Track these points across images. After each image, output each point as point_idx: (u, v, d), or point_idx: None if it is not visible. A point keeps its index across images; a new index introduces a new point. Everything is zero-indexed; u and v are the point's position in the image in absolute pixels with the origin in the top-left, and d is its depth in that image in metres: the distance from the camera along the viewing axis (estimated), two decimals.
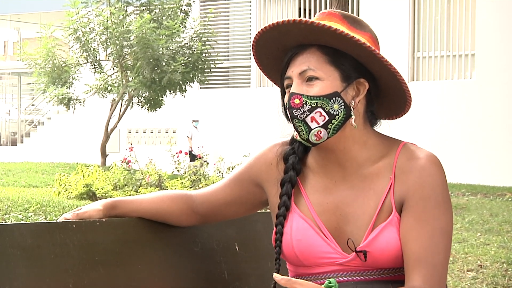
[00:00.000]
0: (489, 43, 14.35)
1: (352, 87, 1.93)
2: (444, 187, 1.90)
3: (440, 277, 1.84)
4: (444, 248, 1.86)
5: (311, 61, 1.93)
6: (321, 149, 1.98)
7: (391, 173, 1.93)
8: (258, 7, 17.44)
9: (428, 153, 1.93)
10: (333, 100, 1.90)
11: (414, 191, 1.89)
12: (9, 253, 1.79)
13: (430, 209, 1.87)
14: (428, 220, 1.87)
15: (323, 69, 1.92)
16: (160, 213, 2.13)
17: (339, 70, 1.92)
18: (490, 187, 12.87)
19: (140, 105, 15.39)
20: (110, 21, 14.64)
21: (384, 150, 1.96)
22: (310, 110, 1.90)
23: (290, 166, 2.01)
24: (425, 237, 1.85)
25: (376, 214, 1.91)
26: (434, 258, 1.84)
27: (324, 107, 1.90)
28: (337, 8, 8.84)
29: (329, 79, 1.91)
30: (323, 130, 1.91)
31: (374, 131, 2.00)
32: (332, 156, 1.97)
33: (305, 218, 1.97)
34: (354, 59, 1.93)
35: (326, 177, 1.99)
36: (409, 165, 1.92)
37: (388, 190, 1.92)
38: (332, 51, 1.93)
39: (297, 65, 1.94)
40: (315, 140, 1.92)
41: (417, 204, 1.88)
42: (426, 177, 1.89)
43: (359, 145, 1.95)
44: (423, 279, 1.82)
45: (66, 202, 8.07)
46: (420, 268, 1.83)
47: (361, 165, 1.95)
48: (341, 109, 1.91)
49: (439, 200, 1.88)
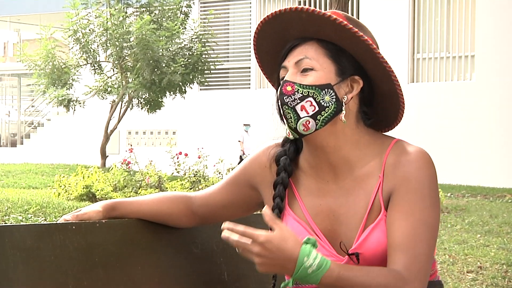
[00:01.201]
0: (489, 45, 14.35)
1: (346, 83, 1.92)
2: (432, 182, 1.88)
3: (420, 268, 1.80)
4: (427, 240, 1.83)
5: (309, 51, 1.92)
6: (311, 147, 1.97)
7: (380, 172, 1.92)
8: (258, 9, 17.45)
9: (417, 149, 1.92)
10: (325, 91, 1.89)
11: (400, 185, 1.88)
12: (9, 254, 1.79)
13: (415, 202, 1.85)
14: (412, 213, 1.84)
15: (320, 60, 1.91)
16: (159, 215, 2.13)
17: (335, 64, 1.92)
18: (490, 188, 12.87)
19: (140, 107, 15.39)
20: (110, 23, 14.64)
21: (376, 149, 1.95)
22: (301, 98, 1.89)
23: (282, 168, 2.01)
24: (407, 227, 1.83)
25: (366, 215, 1.90)
26: (416, 248, 1.81)
27: (315, 97, 1.89)
28: (337, 9, 8.85)
29: (324, 71, 1.91)
30: (312, 120, 1.90)
31: (367, 130, 1.98)
32: (323, 155, 1.95)
33: (300, 221, 1.96)
34: (352, 57, 1.93)
35: (318, 178, 1.98)
36: (398, 161, 1.91)
37: (377, 189, 1.91)
38: (332, 46, 1.92)
39: (294, 55, 1.93)
40: (303, 130, 1.91)
41: (402, 197, 1.86)
42: (413, 171, 1.88)
43: (351, 143, 1.94)
44: (403, 266, 1.79)
45: (66, 203, 8.07)
46: (401, 255, 1.80)
47: (353, 165, 1.94)
48: (332, 102, 1.90)
49: (425, 194, 1.86)
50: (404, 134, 3.30)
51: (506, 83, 14.19)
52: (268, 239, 1.70)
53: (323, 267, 1.71)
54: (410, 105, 15.15)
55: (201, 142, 16.62)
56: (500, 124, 14.17)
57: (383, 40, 15.10)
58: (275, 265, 1.71)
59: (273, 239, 1.70)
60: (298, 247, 1.71)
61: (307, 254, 1.71)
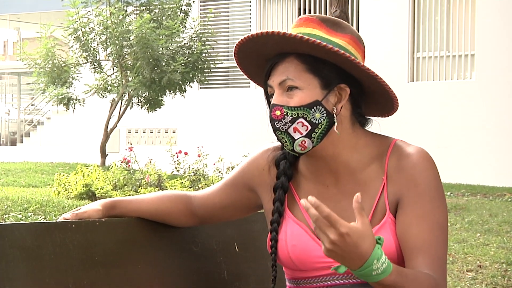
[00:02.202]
0: (489, 44, 14.35)
1: (333, 94, 1.92)
2: (438, 181, 1.90)
3: (444, 269, 1.84)
4: (443, 241, 1.86)
5: (289, 70, 1.92)
6: (310, 157, 1.97)
7: (383, 174, 1.92)
8: (258, 7, 17.44)
9: (418, 149, 1.93)
10: (314, 109, 1.89)
11: (408, 189, 1.89)
12: (9, 253, 1.79)
13: (426, 204, 1.87)
14: (425, 216, 1.86)
15: (302, 77, 1.91)
16: (159, 213, 2.13)
17: (318, 78, 1.91)
18: (490, 187, 12.86)
19: (139, 105, 15.38)
20: (110, 21, 14.64)
21: (375, 150, 1.95)
22: (292, 120, 1.89)
23: (282, 172, 2.01)
24: (425, 232, 1.84)
25: (370, 216, 1.90)
26: (437, 250, 1.84)
27: (306, 117, 1.89)
28: (337, 8, 8.82)
29: (309, 88, 1.90)
30: (307, 139, 1.90)
31: (364, 131, 1.98)
32: (322, 163, 1.96)
33: (300, 223, 1.96)
34: (334, 65, 1.93)
35: (318, 182, 1.98)
36: (401, 164, 1.91)
37: (381, 192, 1.91)
38: (311, 59, 1.92)
39: (277, 75, 1.93)
40: (300, 150, 1.91)
41: (413, 201, 1.87)
42: (419, 174, 1.89)
43: (349, 148, 1.94)
44: (431, 269, 1.81)
45: (66, 202, 8.06)
46: (425, 259, 1.82)
47: (354, 169, 1.94)
48: (323, 117, 1.89)
49: (433, 195, 1.88)
50: (404, 133, 3.31)
51: (506, 82, 14.18)
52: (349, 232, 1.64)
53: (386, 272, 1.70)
54: (409, 104, 15.16)
55: (201, 141, 16.61)
56: (500, 123, 14.17)
57: (383, 39, 15.09)
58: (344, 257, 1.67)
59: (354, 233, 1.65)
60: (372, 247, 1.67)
61: (378, 257, 1.68)
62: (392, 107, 2.00)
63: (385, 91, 1.94)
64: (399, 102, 1.98)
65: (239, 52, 2.00)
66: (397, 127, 2.30)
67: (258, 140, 16.01)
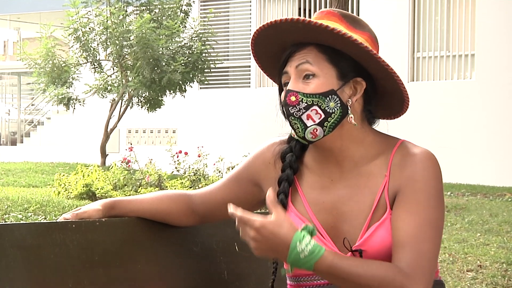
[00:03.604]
0: (489, 44, 14.35)
1: (349, 86, 1.93)
2: (438, 182, 1.90)
3: (424, 266, 1.80)
4: (431, 239, 1.84)
5: (309, 56, 1.93)
6: (318, 148, 1.98)
7: (386, 171, 1.93)
8: (258, 7, 17.44)
9: (423, 150, 1.93)
10: (329, 98, 1.90)
11: (406, 184, 1.89)
12: (9, 253, 1.79)
13: (421, 202, 1.87)
14: (418, 212, 1.85)
15: (320, 65, 1.92)
16: (159, 213, 2.13)
17: (336, 68, 1.92)
18: (490, 187, 12.86)
19: (140, 105, 15.39)
20: (110, 21, 14.64)
21: (381, 148, 1.96)
22: (306, 107, 1.90)
23: (287, 165, 2.02)
24: (412, 226, 1.83)
25: (371, 212, 1.91)
26: (419, 246, 1.82)
27: (320, 105, 1.90)
28: (337, 7, 8.84)
29: (326, 77, 1.91)
30: (319, 128, 1.91)
31: (371, 129, 2.00)
32: (330, 154, 1.96)
33: (302, 217, 1.97)
34: (352, 58, 1.93)
35: (323, 175, 1.98)
36: (404, 161, 1.92)
37: (383, 188, 1.92)
38: (330, 50, 1.93)
39: (295, 60, 1.94)
40: (311, 137, 1.92)
41: (408, 196, 1.88)
42: (420, 171, 1.89)
43: (356, 143, 1.95)
44: (406, 263, 1.79)
45: (66, 202, 8.07)
46: (405, 253, 1.81)
47: (357, 162, 1.95)
48: (337, 107, 1.90)
49: (431, 194, 1.88)
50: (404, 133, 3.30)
51: (506, 82, 14.18)
52: (263, 224, 1.72)
53: (315, 253, 1.72)
54: (410, 104, 15.08)
55: (201, 141, 16.60)
56: (500, 123, 14.17)
57: (383, 39, 15.06)
58: (269, 250, 1.74)
59: (268, 224, 1.72)
60: (292, 232, 1.73)
61: (300, 239, 1.72)
62: (401, 108, 2.01)
63: (399, 90, 1.96)
64: (409, 103, 2.00)
65: (257, 39, 2.00)
66: (397, 127, 2.29)
67: (258, 140, 16.00)
